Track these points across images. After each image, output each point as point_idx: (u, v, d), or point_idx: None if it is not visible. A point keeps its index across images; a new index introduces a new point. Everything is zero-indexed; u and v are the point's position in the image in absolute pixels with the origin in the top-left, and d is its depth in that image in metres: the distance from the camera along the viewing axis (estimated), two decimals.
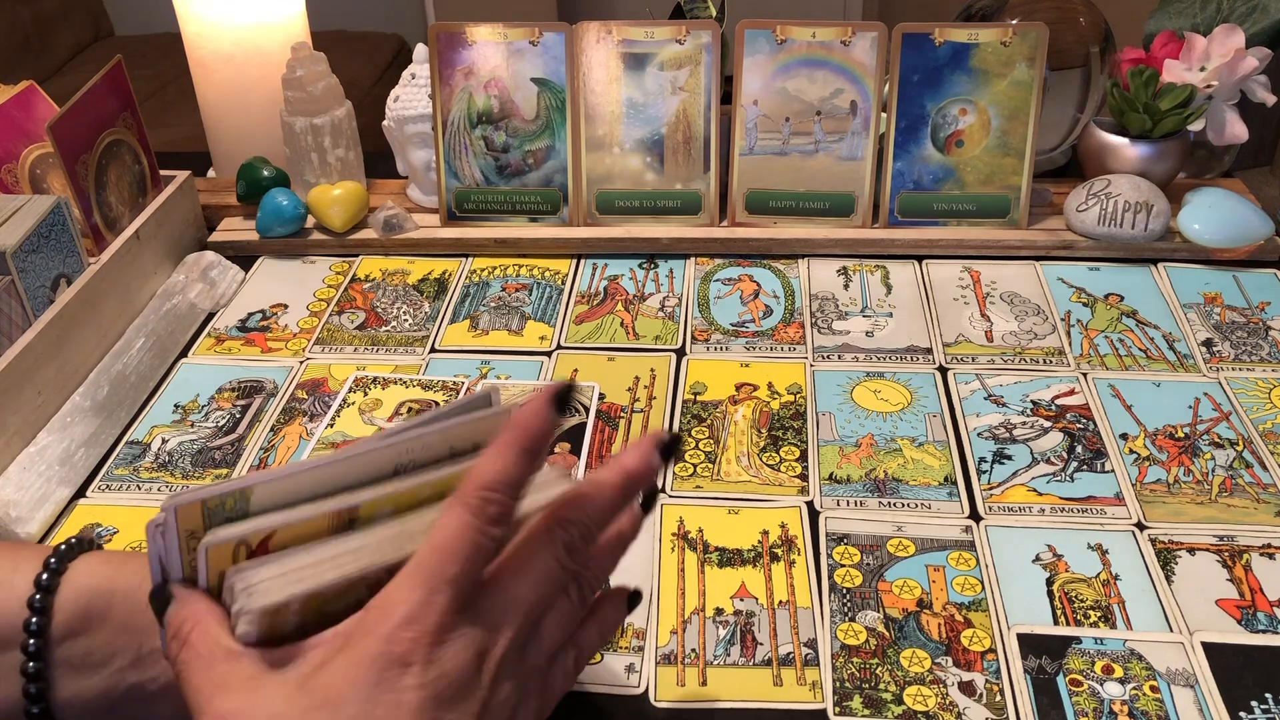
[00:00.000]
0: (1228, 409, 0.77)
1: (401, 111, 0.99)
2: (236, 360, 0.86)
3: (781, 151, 0.95)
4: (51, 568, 0.49)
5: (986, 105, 0.92)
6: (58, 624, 0.48)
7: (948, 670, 0.58)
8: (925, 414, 0.77)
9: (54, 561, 0.49)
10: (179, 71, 1.21)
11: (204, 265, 0.93)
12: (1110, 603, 0.62)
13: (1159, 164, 0.95)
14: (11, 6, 2.37)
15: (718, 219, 0.97)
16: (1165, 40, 0.97)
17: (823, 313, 0.89)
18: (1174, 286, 0.91)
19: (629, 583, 0.53)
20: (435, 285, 0.94)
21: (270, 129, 1.02)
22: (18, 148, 0.88)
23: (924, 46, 0.91)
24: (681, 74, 0.93)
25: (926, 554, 0.65)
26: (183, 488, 0.73)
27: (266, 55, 1.02)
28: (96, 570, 0.49)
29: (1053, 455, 0.73)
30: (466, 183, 0.97)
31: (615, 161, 0.96)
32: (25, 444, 0.73)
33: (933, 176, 0.94)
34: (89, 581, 0.49)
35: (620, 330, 0.88)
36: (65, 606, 0.48)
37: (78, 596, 0.48)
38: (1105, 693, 0.57)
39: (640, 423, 0.77)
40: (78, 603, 0.48)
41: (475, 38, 0.93)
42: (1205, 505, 0.69)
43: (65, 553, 0.50)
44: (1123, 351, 0.83)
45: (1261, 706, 0.56)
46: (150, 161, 0.94)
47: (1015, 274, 0.93)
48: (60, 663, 0.48)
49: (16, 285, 0.74)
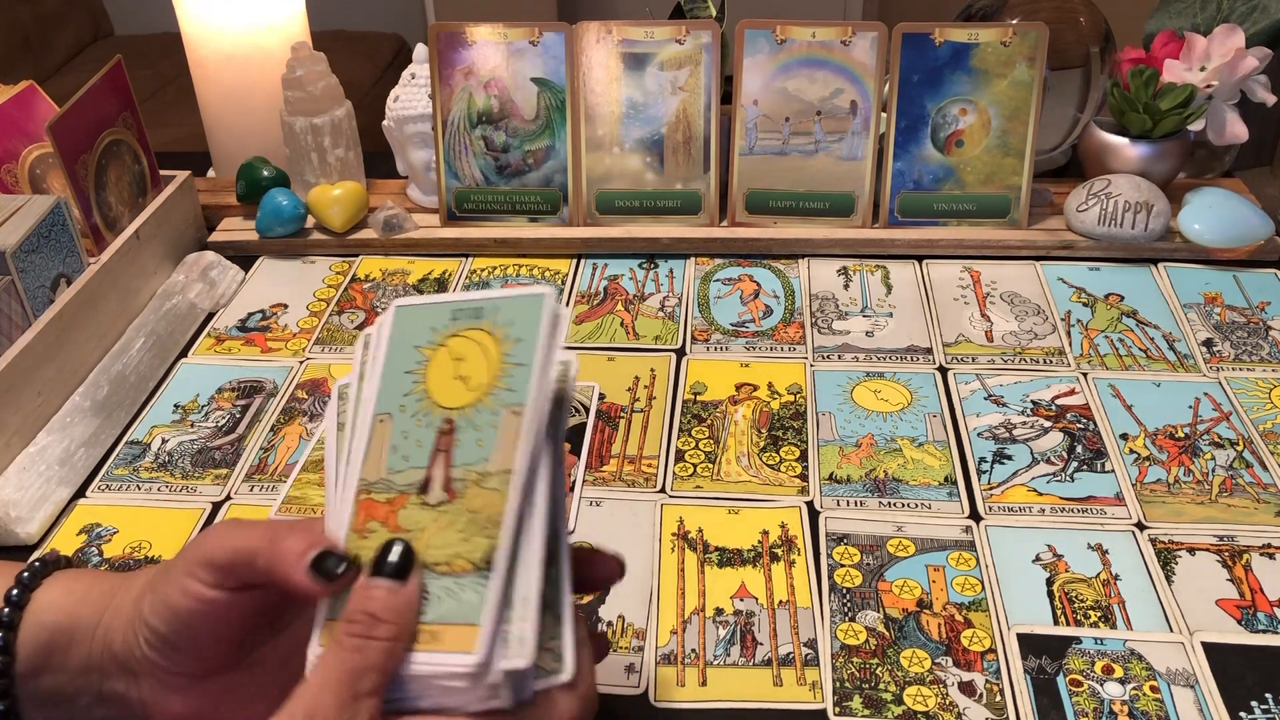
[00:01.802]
0: (1228, 409, 0.77)
1: (401, 111, 0.99)
2: (236, 360, 0.85)
3: (781, 151, 0.95)
4: (14, 601, 0.47)
5: (987, 105, 0.92)
6: (21, 662, 0.47)
7: (948, 670, 0.58)
8: (925, 414, 0.77)
9: (15, 594, 0.48)
10: (179, 71, 1.21)
11: (204, 265, 0.93)
12: (1110, 603, 0.62)
13: (1159, 164, 0.95)
14: (11, 6, 2.36)
15: (718, 219, 0.97)
16: (1165, 40, 0.97)
17: (823, 313, 0.89)
18: (1174, 286, 0.91)
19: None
20: (435, 285, 0.94)
21: (270, 129, 1.02)
22: (17, 148, 0.88)
23: (924, 46, 0.91)
24: (681, 74, 0.93)
25: (926, 554, 0.65)
26: (182, 488, 0.73)
27: (266, 55, 1.02)
28: (57, 604, 0.48)
29: (1053, 455, 0.73)
30: (466, 183, 0.97)
31: (615, 161, 0.96)
32: (25, 444, 0.73)
33: (933, 176, 0.94)
34: (50, 618, 0.47)
35: (620, 330, 0.88)
36: (26, 644, 0.47)
37: (39, 633, 0.47)
38: (1105, 693, 0.57)
39: (640, 423, 0.77)
40: (39, 639, 0.47)
41: (475, 38, 0.93)
42: (1205, 505, 0.69)
43: (29, 581, 0.48)
44: (1123, 351, 0.83)
45: (1261, 707, 0.56)
46: (150, 161, 0.94)
47: (1015, 274, 0.93)
48: (27, 699, 0.47)
49: (16, 285, 0.74)
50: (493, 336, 0.45)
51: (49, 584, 0.49)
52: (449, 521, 0.43)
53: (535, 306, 0.45)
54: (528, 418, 0.43)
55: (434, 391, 0.45)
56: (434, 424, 0.45)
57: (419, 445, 0.45)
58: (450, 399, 0.45)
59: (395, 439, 0.45)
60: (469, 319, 0.46)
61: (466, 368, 0.45)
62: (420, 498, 0.44)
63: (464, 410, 0.44)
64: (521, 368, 0.44)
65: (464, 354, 0.46)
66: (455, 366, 0.46)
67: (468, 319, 0.46)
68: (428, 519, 0.43)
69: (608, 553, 0.49)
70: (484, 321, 0.46)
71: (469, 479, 0.43)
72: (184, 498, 0.72)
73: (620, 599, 0.63)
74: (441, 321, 0.47)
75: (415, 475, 0.44)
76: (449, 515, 0.43)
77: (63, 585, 0.49)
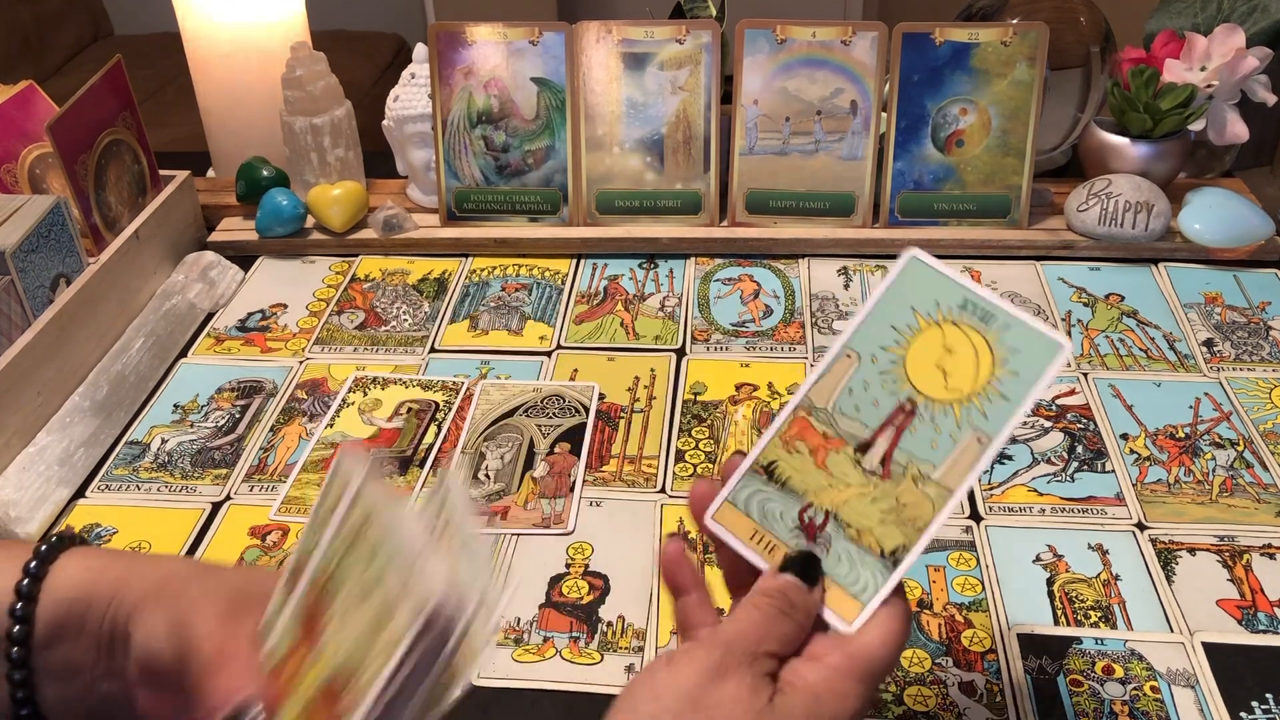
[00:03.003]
0: (1228, 409, 0.77)
1: (401, 111, 0.99)
2: (236, 360, 0.85)
3: (782, 151, 0.94)
4: (32, 573, 0.48)
5: (987, 105, 0.92)
6: (37, 634, 0.48)
7: (948, 670, 0.58)
8: None
9: (34, 566, 0.49)
10: (179, 71, 1.21)
11: (204, 265, 0.93)
12: (1111, 603, 0.62)
13: (1159, 164, 0.95)
14: (11, 6, 2.36)
15: (718, 219, 0.97)
16: (1166, 40, 0.97)
17: (823, 313, 0.89)
18: (1174, 286, 0.91)
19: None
20: (435, 285, 0.94)
21: (270, 129, 1.02)
22: (17, 148, 0.88)
23: (924, 46, 0.91)
24: (681, 74, 0.93)
25: (927, 554, 0.65)
26: (182, 488, 0.73)
27: (266, 55, 1.02)
28: (75, 578, 0.49)
29: (1053, 455, 0.73)
30: (466, 183, 0.97)
31: (615, 161, 0.96)
32: (25, 444, 0.73)
33: (933, 176, 0.94)
34: (67, 593, 0.49)
35: (620, 330, 0.88)
36: (43, 616, 0.48)
37: (55, 607, 0.48)
38: (1106, 693, 0.56)
39: (640, 423, 0.77)
40: (56, 613, 0.48)
41: (475, 37, 0.93)
42: (1206, 505, 0.69)
43: (46, 554, 0.49)
44: (1123, 351, 0.83)
45: (1262, 707, 0.56)
46: (150, 161, 0.94)
47: (1016, 274, 0.93)
48: (40, 669, 0.48)
49: (16, 285, 0.74)
50: (991, 351, 0.45)
51: (66, 559, 0.50)
52: (875, 497, 0.45)
53: (1049, 352, 0.44)
54: (988, 453, 0.44)
55: (911, 364, 0.46)
56: (898, 394, 0.46)
57: (875, 405, 0.46)
58: (924, 383, 0.46)
59: (854, 382, 0.47)
60: (976, 317, 0.46)
61: (953, 363, 0.46)
62: (856, 455, 0.46)
63: (932, 403, 0.46)
64: (1006, 402, 0.44)
65: (956, 348, 0.46)
66: (942, 355, 0.46)
67: (974, 316, 0.46)
68: (855, 479, 0.46)
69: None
70: (990, 330, 0.46)
71: (910, 471, 0.45)
72: (183, 498, 0.72)
73: (620, 599, 0.63)
74: (951, 301, 0.47)
75: (860, 430, 0.46)
76: (877, 491, 0.45)
77: (80, 561, 0.50)
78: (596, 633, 0.61)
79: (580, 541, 0.67)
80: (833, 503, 0.46)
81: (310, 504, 0.70)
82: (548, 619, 0.62)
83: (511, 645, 0.61)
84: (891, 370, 0.47)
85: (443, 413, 0.78)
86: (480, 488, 0.71)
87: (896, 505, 0.45)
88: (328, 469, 0.49)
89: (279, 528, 0.69)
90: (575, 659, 0.60)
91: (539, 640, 0.61)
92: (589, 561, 0.66)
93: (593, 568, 0.65)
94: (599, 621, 0.62)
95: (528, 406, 0.79)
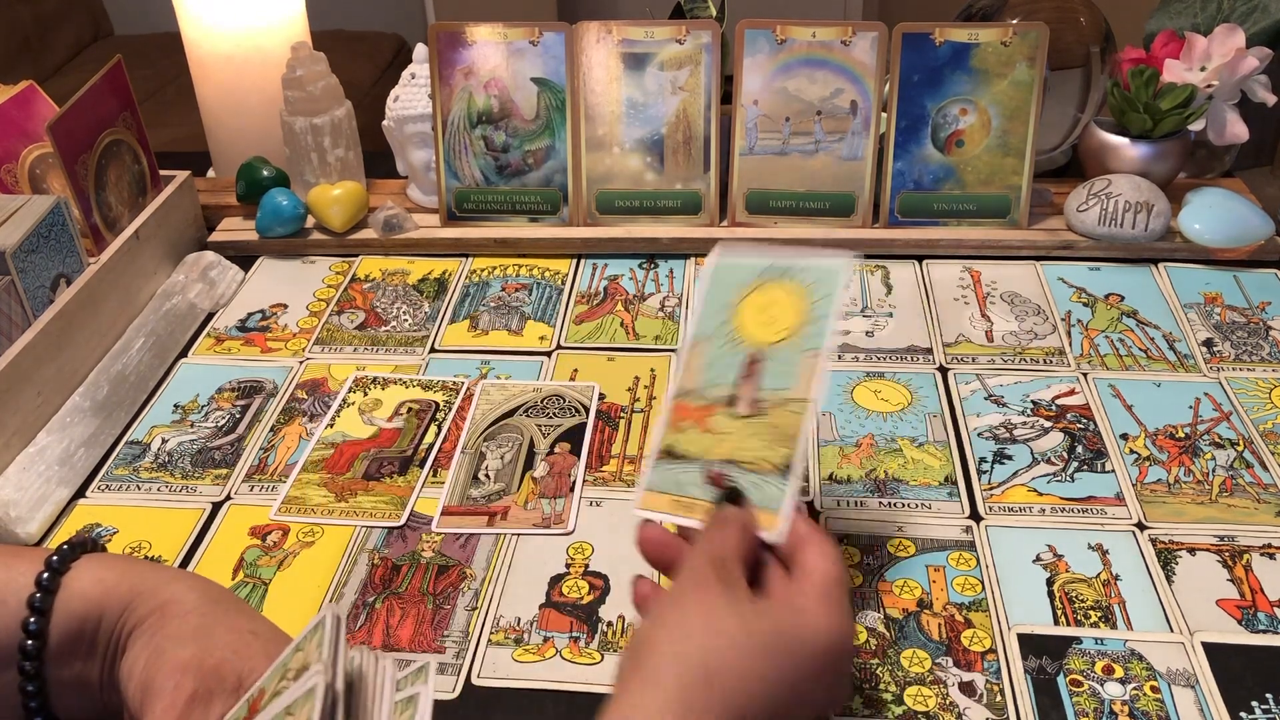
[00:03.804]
0: (1228, 409, 0.77)
1: (401, 111, 0.99)
2: (236, 360, 0.85)
3: (782, 151, 0.94)
4: (44, 585, 0.48)
5: (987, 105, 0.92)
6: (50, 647, 0.48)
7: (948, 670, 0.58)
8: (925, 414, 0.77)
9: (46, 578, 0.48)
10: (179, 71, 1.21)
11: (204, 265, 0.93)
12: (1111, 603, 0.62)
13: (1159, 164, 0.95)
14: (11, 6, 2.36)
15: (718, 219, 0.97)
16: (1166, 40, 0.97)
17: None
18: (1174, 286, 0.91)
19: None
20: (435, 285, 0.94)
21: (270, 129, 1.02)
22: (17, 148, 0.88)
23: (924, 46, 0.91)
24: (681, 74, 0.93)
25: (927, 554, 0.65)
26: (182, 488, 0.73)
27: (266, 55, 1.02)
28: (88, 593, 0.49)
29: (1053, 455, 0.73)
30: (466, 183, 0.97)
31: (615, 161, 0.96)
32: (25, 444, 0.73)
33: (933, 176, 0.94)
34: (80, 607, 0.48)
35: (620, 330, 0.88)
36: (56, 631, 0.48)
37: (69, 622, 0.48)
38: (1106, 693, 0.57)
39: (640, 423, 0.77)
40: (69, 628, 0.48)
41: (475, 37, 0.93)
42: (1206, 505, 0.69)
43: (59, 565, 0.49)
44: (1123, 351, 0.83)
45: (1262, 707, 0.56)
46: (150, 161, 0.94)
47: (1015, 274, 0.93)
48: (53, 680, 0.48)
49: (16, 285, 0.74)
50: (799, 291, 0.58)
51: (80, 571, 0.49)
52: (754, 431, 0.56)
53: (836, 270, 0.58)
54: (822, 360, 0.56)
55: (744, 328, 0.59)
56: (742, 353, 0.58)
57: (729, 369, 0.58)
58: (759, 335, 0.58)
59: (708, 360, 0.59)
60: (777, 274, 0.59)
61: (775, 312, 0.58)
62: (730, 410, 0.57)
63: (771, 347, 0.57)
64: (822, 320, 0.57)
65: (773, 301, 0.58)
66: (765, 310, 0.58)
67: (776, 274, 0.59)
68: (735, 427, 0.56)
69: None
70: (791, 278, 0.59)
71: (772, 400, 0.56)
72: (184, 498, 0.72)
73: (621, 599, 0.63)
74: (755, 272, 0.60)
75: (726, 391, 0.57)
76: (754, 427, 0.56)
77: (93, 574, 0.49)
78: (597, 633, 0.61)
79: (580, 541, 0.67)
80: (725, 452, 0.56)
81: (310, 504, 0.70)
82: (548, 619, 0.62)
83: (511, 645, 0.61)
84: (732, 338, 0.59)
85: (443, 413, 0.78)
86: (480, 488, 0.71)
87: (771, 428, 0.55)
88: (328, 471, 0.49)
89: (279, 528, 0.69)
90: (575, 659, 0.60)
91: (539, 640, 0.61)
92: (589, 561, 0.66)
93: (593, 568, 0.65)
94: (599, 621, 0.62)
95: (528, 406, 0.79)
